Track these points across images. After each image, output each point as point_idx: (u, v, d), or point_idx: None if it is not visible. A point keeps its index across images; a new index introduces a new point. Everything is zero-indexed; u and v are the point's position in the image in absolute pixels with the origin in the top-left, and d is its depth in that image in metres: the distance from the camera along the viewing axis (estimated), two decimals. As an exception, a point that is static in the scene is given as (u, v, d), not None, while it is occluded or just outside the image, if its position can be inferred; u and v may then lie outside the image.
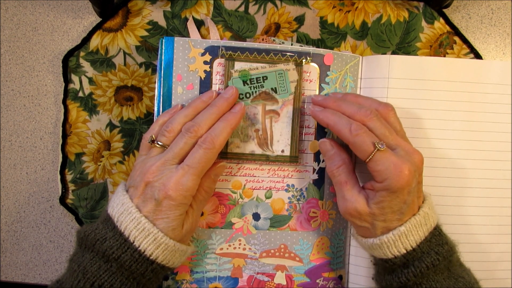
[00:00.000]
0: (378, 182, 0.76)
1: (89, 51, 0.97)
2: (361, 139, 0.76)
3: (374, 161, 0.75)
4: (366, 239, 0.80)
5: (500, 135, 0.92)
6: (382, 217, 0.76)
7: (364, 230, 0.80)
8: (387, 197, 0.75)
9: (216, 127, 0.79)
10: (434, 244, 0.77)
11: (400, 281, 0.77)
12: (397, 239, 0.76)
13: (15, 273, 1.03)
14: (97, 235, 0.75)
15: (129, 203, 0.76)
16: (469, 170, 0.92)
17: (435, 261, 0.76)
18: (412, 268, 0.76)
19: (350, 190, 0.79)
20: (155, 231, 0.74)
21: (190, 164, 0.76)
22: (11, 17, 0.99)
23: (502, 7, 0.99)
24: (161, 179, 0.76)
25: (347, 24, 0.98)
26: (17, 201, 1.02)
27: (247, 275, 0.91)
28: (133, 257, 0.74)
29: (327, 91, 0.90)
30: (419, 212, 0.78)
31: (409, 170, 0.74)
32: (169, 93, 0.87)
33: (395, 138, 0.78)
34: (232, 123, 0.81)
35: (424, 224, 0.78)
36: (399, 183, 0.74)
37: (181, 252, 0.79)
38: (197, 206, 0.82)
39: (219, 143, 0.78)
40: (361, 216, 0.78)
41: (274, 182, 0.90)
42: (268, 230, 0.91)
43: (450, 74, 0.90)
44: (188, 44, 0.87)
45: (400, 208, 0.76)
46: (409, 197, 0.76)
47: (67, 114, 0.97)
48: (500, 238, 0.93)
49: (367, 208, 0.77)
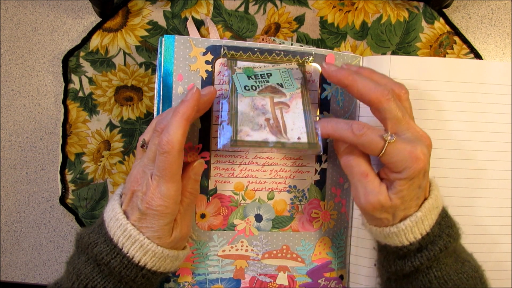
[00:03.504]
0: (396, 172, 0.72)
1: (89, 51, 0.95)
2: (368, 138, 0.72)
3: (388, 154, 0.71)
4: (381, 228, 0.76)
5: (500, 136, 0.90)
6: (403, 206, 0.73)
7: (381, 221, 0.76)
8: (405, 185, 0.72)
9: (168, 125, 0.71)
10: (444, 227, 0.76)
11: (413, 265, 0.75)
12: (414, 225, 0.74)
13: (15, 273, 1.01)
14: (90, 239, 0.73)
15: (117, 209, 0.74)
16: (468, 171, 0.90)
17: (447, 243, 0.74)
18: (426, 252, 0.74)
19: (371, 181, 0.74)
20: (141, 238, 0.71)
21: (158, 173, 0.71)
22: (11, 17, 0.98)
23: (502, 7, 0.98)
24: (143, 188, 0.73)
25: (347, 24, 0.96)
26: (17, 201, 1.00)
27: (249, 277, 0.89)
28: (122, 263, 0.71)
29: (328, 92, 0.88)
30: (430, 196, 0.76)
31: (423, 154, 0.71)
32: (169, 93, 0.83)
33: (407, 122, 0.74)
34: (185, 113, 0.71)
35: (436, 206, 0.76)
36: (417, 170, 0.71)
37: (172, 258, 0.75)
38: (186, 211, 0.78)
39: (175, 143, 0.70)
40: (382, 208, 0.73)
41: (276, 183, 0.88)
42: (270, 231, 0.88)
43: (451, 74, 0.88)
44: (189, 43, 0.83)
45: (416, 193, 0.73)
46: (423, 181, 0.73)
47: (67, 114, 0.96)
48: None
49: (389, 200, 0.73)
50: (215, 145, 0.85)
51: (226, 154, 0.86)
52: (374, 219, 0.77)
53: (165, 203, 0.71)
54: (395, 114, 0.73)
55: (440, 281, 0.74)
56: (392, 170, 0.73)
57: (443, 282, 0.74)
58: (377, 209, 0.74)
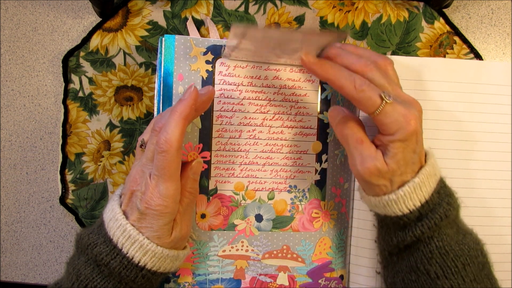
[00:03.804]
0: (388, 134, 0.72)
1: (89, 51, 0.94)
2: (367, 95, 0.71)
3: (383, 114, 0.71)
4: (380, 197, 0.76)
5: (500, 136, 0.90)
6: (399, 170, 0.73)
7: (380, 188, 0.76)
8: (399, 148, 0.72)
9: (166, 124, 0.71)
10: (443, 195, 0.76)
11: (414, 235, 0.74)
12: (412, 192, 0.73)
13: (15, 273, 1.01)
14: (90, 240, 0.73)
15: (117, 209, 0.74)
16: (468, 171, 0.91)
17: (447, 211, 0.74)
18: (426, 220, 0.74)
19: (367, 148, 0.74)
20: (141, 238, 0.71)
21: (157, 172, 0.71)
22: (11, 17, 0.97)
23: (502, 7, 0.97)
24: (142, 188, 0.72)
25: (347, 24, 0.95)
26: (17, 201, 0.99)
27: (249, 277, 0.89)
28: (122, 263, 0.71)
29: (329, 92, 0.88)
30: (427, 163, 0.76)
31: (415, 118, 0.71)
32: (169, 93, 0.83)
33: (394, 89, 0.74)
34: (183, 112, 0.71)
35: (433, 174, 0.76)
36: (409, 131, 0.71)
37: (172, 258, 0.75)
38: (185, 210, 0.77)
39: (173, 142, 0.70)
40: (380, 173, 0.73)
41: (276, 183, 0.88)
42: (271, 231, 0.88)
43: (451, 75, 0.89)
44: (190, 43, 0.83)
45: (412, 158, 0.74)
46: (417, 146, 0.74)
47: (67, 114, 0.95)
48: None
49: (385, 165, 0.73)
50: (215, 145, 0.85)
51: (226, 154, 0.86)
52: (372, 187, 0.77)
53: (164, 203, 0.71)
54: (381, 83, 0.73)
55: (441, 251, 0.74)
56: (385, 132, 0.73)
57: (444, 252, 0.74)
58: (374, 175, 0.74)
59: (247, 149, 0.86)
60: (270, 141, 0.87)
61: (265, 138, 0.87)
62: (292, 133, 0.88)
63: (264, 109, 0.86)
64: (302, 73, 0.87)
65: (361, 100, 0.72)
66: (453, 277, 0.73)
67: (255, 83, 0.86)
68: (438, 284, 0.74)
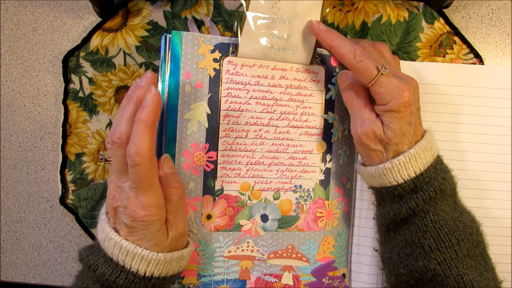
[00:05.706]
0: (382, 104, 0.77)
1: (89, 51, 0.93)
2: (365, 65, 0.76)
3: (378, 84, 0.76)
4: (376, 166, 0.79)
5: (501, 139, 0.91)
6: (395, 139, 0.77)
7: (376, 155, 0.80)
8: (394, 118, 0.76)
9: (133, 135, 0.67)
10: (439, 170, 0.78)
11: (409, 207, 0.77)
12: (407, 162, 0.76)
13: (15, 273, 1.00)
14: (90, 261, 0.71)
15: (107, 228, 0.72)
16: (468, 171, 0.91)
17: (442, 185, 0.77)
18: (421, 193, 0.76)
19: (369, 112, 0.79)
20: (139, 251, 0.69)
21: (135, 185, 0.68)
22: (11, 17, 0.96)
23: (502, 7, 0.97)
24: (122, 203, 0.70)
25: (347, 24, 0.95)
26: (17, 201, 0.99)
27: (254, 277, 0.87)
28: (128, 279, 0.70)
29: (333, 92, 0.88)
30: (423, 138, 0.79)
31: (408, 91, 0.75)
32: (176, 91, 0.80)
33: (391, 68, 0.79)
34: (148, 121, 0.66)
35: (430, 149, 0.79)
36: (401, 102, 0.75)
37: (177, 259, 0.73)
38: (177, 207, 0.74)
39: (144, 153, 0.66)
40: (376, 137, 0.78)
41: (282, 183, 0.87)
42: (276, 231, 0.87)
43: (451, 79, 0.90)
44: (198, 40, 0.81)
45: (407, 130, 0.77)
46: (412, 118, 0.77)
47: (67, 114, 0.94)
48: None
49: (382, 131, 0.77)
50: (222, 145, 0.83)
51: (233, 154, 0.84)
52: (369, 153, 0.80)
53: (149, 212, 0.68)
54: (378, 59, 0.80)
55: (436, 225, 0.76)
56: (380, 102, 0.77)
57: (438, 226, 0.76)
58: (371, 138, 0.78)
59: (253, 149, 0.85)
60: (276, 141, 0.86)
61: (271, 138, 0.86)
62: (297, 133, 0.87)
63: (270, 108, 0.85)
64: (307, 73, 0.86)
65: (359, 70, 0.77)
66: (446, 250, 0.75)
67: (262, 82, 0.84)
68: (432, 256, 0.75)
